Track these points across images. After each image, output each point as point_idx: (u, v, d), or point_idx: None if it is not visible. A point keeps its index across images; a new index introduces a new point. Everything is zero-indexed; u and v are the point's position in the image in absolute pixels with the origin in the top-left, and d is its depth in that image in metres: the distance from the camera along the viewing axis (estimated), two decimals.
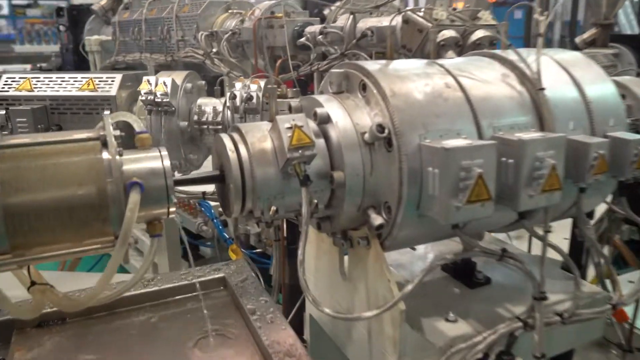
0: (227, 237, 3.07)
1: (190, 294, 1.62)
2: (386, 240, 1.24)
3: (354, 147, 1.17)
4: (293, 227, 2.50)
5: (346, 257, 1.44)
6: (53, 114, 2.06)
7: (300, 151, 1.10)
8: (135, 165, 1.08)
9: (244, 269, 1.71)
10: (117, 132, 1.04)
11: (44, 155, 1.01)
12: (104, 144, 1.03)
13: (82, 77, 2.08)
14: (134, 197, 1.00)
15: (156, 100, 1.95)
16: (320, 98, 1.26)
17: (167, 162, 1.11)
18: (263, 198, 1.15)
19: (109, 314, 1.54)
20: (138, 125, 1.17)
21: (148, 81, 1.98)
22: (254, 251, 2.98)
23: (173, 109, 1.99)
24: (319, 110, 1.20)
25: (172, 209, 1.12)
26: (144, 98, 1.97)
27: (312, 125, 1.21)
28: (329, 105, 1.23)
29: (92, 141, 1.05)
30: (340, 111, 1.22)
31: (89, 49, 4.62)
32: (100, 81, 2.05)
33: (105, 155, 1.01)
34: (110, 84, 2.03)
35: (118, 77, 2.05)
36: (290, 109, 1.27)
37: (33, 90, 2.06)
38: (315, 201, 1.19)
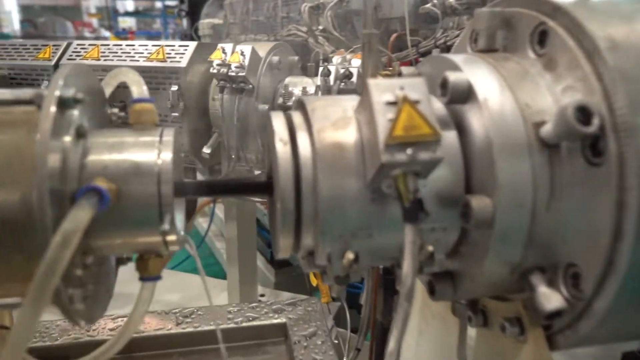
0: None
1: (233, 344, 1.15)
2: (561, 335, 0.65)
3: (517, 150, 0.59)
4: None
5: (472, 331, 0.86)
6: (119, 87, 1.71)
7: (409, 150, 0.54)
8: (111, 156, 0.60)
9: (316, 316, 1.19)
10: (72, 94, 0.57)
11: None
12: None
13: (152, 45, 1.71)
14: (77, 214, 0.52)
15: (230, 74, 1.51)
16: (456, 58, 0.68)
17: (166, 155, 0.62)
18: (332, 234, 0.61)
19: (127, 357, 1.12)
20: (138, 89, 0.70)
21: (222, 49, 1.54)
22: None
23: (251, 86, 1.53)
24: (452, 76, 0.63)
25: (172, 237, 0.63)
26: (215, 70, 1.54)
27: (438, 105, 0.65)
28: (472, 70, 0.65)
29: (24, 106, 0.58)
30: (493, 81, 0.64)
31: (202, 32, 4.43)
32: (171, 50, 1.65)
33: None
34: (181, 54, 1.63)
35: (192, 45, 1.64)
36: (400, 75, 0.71)
37: (99, 59, 1.73)
38: (430, 248, 0.63)
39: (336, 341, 2.22)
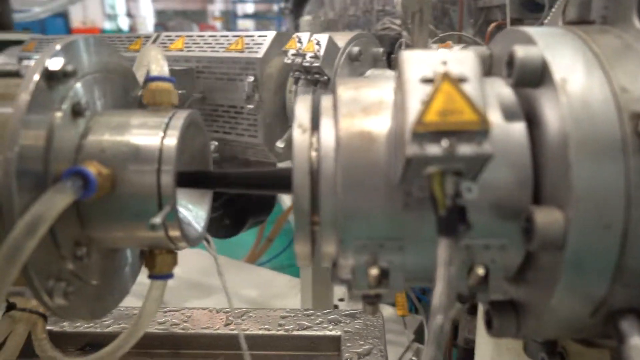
0: None
1: (281, 352, 1.07)
2: None
3: (604, 149, 0.44)
4: None
5: None
6: (199, 78, 1.73)
7: (445, 142, 0.41)
8: (112, 138, 0.55)
9: (374, 332, 1.07)
10: (61, 66, 0.52)
11: None
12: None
13: (233, 36, 1.70)
14: (50, 198, 0.47)
15: (304, 64, 1.44)
16: (534, 30, 0.54)
17: (170, 140, 0.55)
18: (354, 243, 0.51)
19: (172, 353, 1.09)
20: (157, 67, 0.64)
21: (298, 39, 1.48)
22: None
23: (326, 78, 1.45)
24: (520, 51, 0.49)
25: (175, 233, 0.57)
26: (289, 60, 1.48)
27: (505, 90, 0.52)
28: (551, 44, 0.50)
29: (11, 79, 0.54)
30: (578, 58, 0.48)
31: (302, 30, 4.46)
32: (250, 40, 1.63)
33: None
34: (259, 44, 1.60)
35: (270, 35, 1.60)
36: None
37: (183, 50, 1.76)
38: (481, 270, 0.49)
39: (415, 358, 2.07)
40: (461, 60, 0.45)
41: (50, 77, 0.50)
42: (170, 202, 0.54)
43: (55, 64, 0.50)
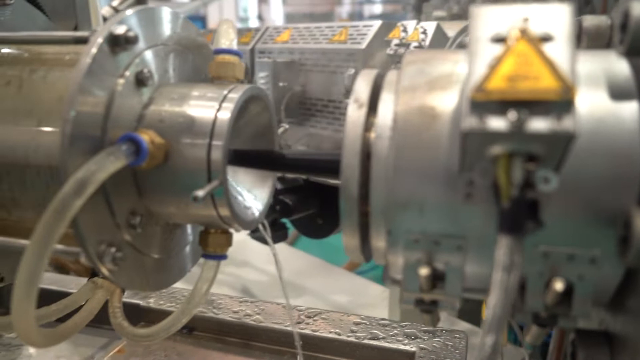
0: None
1: (346, 359, 1.02)
2: None
3: None
4: None
5: None
6: (301, 70, 1.74)
7: (513, 114, 0.34)
8: (171, 108, 0.55)
9: (454, 355, 0.97)
10: (123, 31, 0.52)
11: (14, 64, 0.59)
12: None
13: (338, 27, 1.68)
14: (100, 161, 0.47)
15: None
16: None
17: (224, 113, 0.54)
18: (403, 237, 0.45)
19: (243, 344, 1.09)
20: (226, 40, 0.64)
21: (403, 28, 1.41)
22: None
23: None
24: (636, 8, 0.39)
25: (224, 212, 0.55)
26: (391, 52, 1.42)
27: (619, 65, 0.42)
28: None
29: (82, 45, 0.56)
30: None
31: None
32: (355, 30, 1.60)
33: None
34: (363, 34, 1.56)
35: (375, 25, 1.55)
36: None
37: (288, 42, 1.78)
38: (559, 285, 0.41)
39: None
40: (548, 15, 0.37)
41: (114, 43, 0.51)
42: (219, 177, 0.52)
43: (119, 29, 0.51)
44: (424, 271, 0.43)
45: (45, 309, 0.70)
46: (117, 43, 0.52)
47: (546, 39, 0.36)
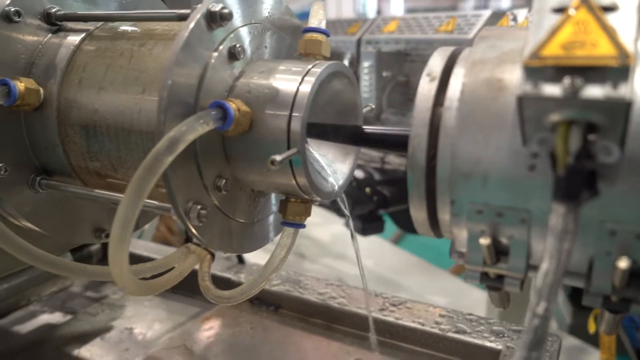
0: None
1: (431, 351, 1.03)
2: None
3: None
4: None
5: None
6: (405, 61, 1.76)
7: (568, 80, 0.35)
8: (258, 81, 0.62)
9: (546, 357, 0.95)
10: (219, 8, 0.60)
11: (127, 38, 0.69)
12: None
13: (445, 17, 1.68)
14: (191, 123, 0.55)
15: None
16: None
17: (306, 86, 0.60)
18: (467, 208, 0.47)
19: (326, 325, 1.15)
20: (315, 19, 0.69)
21: (512, 16, 1.38)
22: None
23: None
24: None
25: (302, 180, 0.61)
26: None
27: None
28: None
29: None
30: None
31: None
32: (463, 20, 1.59)
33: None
34: (471, 24, 1.54)
35: (485, 14, 1.54)
36: None
37: (394, 32, 1.81)
38: (623, 263, 0.41)
39: None
40: None
41: (211, 19, 0.59)
42: (297, 146, 0.58)
43: (215, 6, 0.59)
44: (485, 241, 0.46)
45: (142, 265, 0.81)
46: (213, 19, 0.60)
47: (610, 8, 0.36)
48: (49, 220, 0.75)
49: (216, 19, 0.60)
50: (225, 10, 0.60)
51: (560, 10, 0.38)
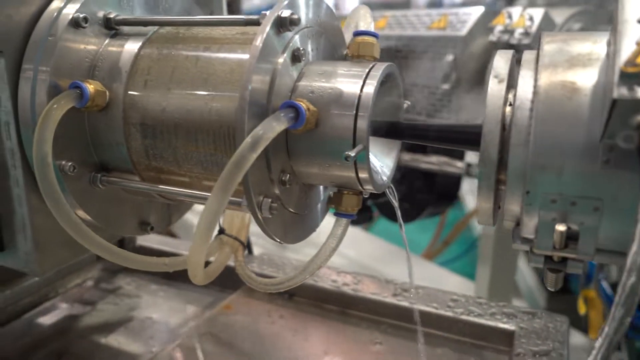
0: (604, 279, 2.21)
1: (445, 334, 1.09)
2: None
3: None
4: None
5: None
6: (397, 57, 1.81)
7: None
8: (320, 82, 0.65)
9: (556, 335, 1.02)
10: (289, 14, 0.62)
11: (188, 42, 0.71)
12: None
13: (437, 14, 1.73)
14: (272, 121, 0.58)
15: (511, 42, 1.40)
16: None
17: (369, 88, 0.63)
18: (541, 197, 0.52)
19: (340, 311, 1.19)
20: (364, 23, 0.73)
21: (508, 14, 1.44)
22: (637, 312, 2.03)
23: None
24: None
25: (364, 175, 0.64)
26: (495, 38, 1.45)
27: None
28: None
29: (254, 26, 0.67)
30: None
31: None
32: (454, 17, 1.64)
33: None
34: (463, 21, 1.60)
35: (476, 12, 1.60)
36: None
37: (384, 29, 1.85)
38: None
39: None
40: None
41: (281, 24, 0.61)
42: (363, 143, 0.61)
43: (285, 11, 0.61)
44: (560, 228, 0.50)
45: (182, 257, 0.84)
46: (283, 25, 0.62)
47: None
48: (102, 212, 0.77)
49: (286, 24, 0.62)
50: (295, 16, 0.62)
51: None
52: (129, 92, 0.72)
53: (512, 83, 0.57)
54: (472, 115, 1.63)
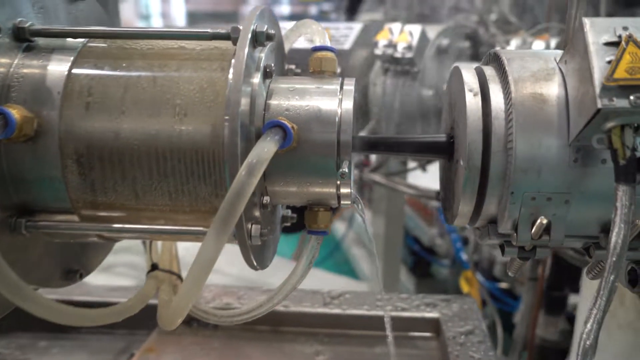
0: (465, 259, 2.49)
1: (380, 332, 1.15)
2: None
3: None
4: (559, 264, 1.78)
5: None
6: None
7: (633, 96, 0.49)
8: (292, 100, 0.65)
9: (472, 315, 1.14)
10: (265, 29, 0.62)
11: (138, 58, 0.66)
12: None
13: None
14: (264, 145, 0.57)
15: (395, 55, 1.52)
16: None
17: (347, 103, 0.64)
18: (524, 196, 0.58)
19: (272, 330, 1.18)
20: (321, 38, 0.74)
21: (390, 30, 1.57)
22: (497, 285, 2.33)
23: (416, 70, 1.53)
24: None
25: (346, 190, 0.66)
26: (380, 52, 1.57)
27: None
28: None
29: (220, 41, 0.65)
30: None
31: None
32: (336, 32, 1.73)
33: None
34: (345, 36, 1.70)
35: (357, 27, 1.70)
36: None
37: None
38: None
39: None
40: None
41: (256, 40, 0.60)
42: (348, 158, 0.63)
43: (260, 26, 0.60)
44: (543, 221, 0.57)
45: (123, 304, 0.77)
46: (259, 40, 0.61)
47: None
48: (20, 264, 0.63)
49: (261, 40, 0.61)
50: (271, 32, 0.61)
51: (611, 44, 0.51)
52: (66, 118, 0.62)
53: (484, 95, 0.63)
54: (359, 123, 1.73)
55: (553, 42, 1.48)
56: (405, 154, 0.75)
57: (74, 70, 0.64)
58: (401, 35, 1.51)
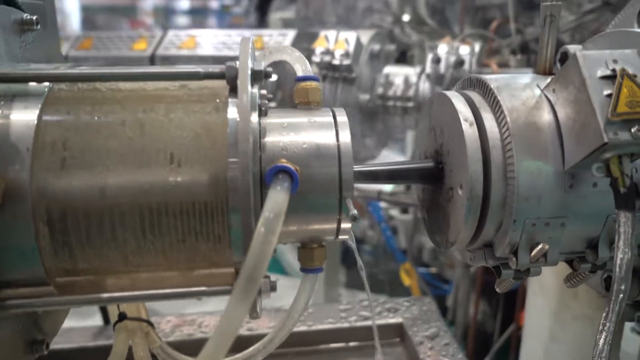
0: (397, 248, 2.57)
1: (348, 344, 1.14)
2: None
3: None
4: None
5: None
6: None
7: (635, 128, 0.51)
8: (289, 136, 0.61)
9: (432, 316, 1.16)
10: (263, 67, 0.58)
11: (118, 103, 0.58)
12: (234, 89, 0.56)
13: (253, 35, 1.74)
14: (277, 197, 0.53)
15: (333, 62, 1.51)
16: None
17: (345, 136, 0.62)
18: (525, 222, 0.59)
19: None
20: (303, 67, 0.70)
21: (326, 37, 1.55)
22: (427, 270, 2.43)
23: (353, 76, 1.53)
24: None
25: (347, 225, 0.63)
26: (318, 59, 1.54)
27: None
28: None
29: (213, 80, 0.59)
30: None
31: (272, 27, 4.50)
32: (270, 39, 1.68)
33: (233, 113, 0.55)
34: (279, 43, 1.65)
35: (291, 34, 1.66)
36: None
37: (195, 49, 1.78)
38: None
39: None
40: (627, 58, 0.55)
41: (254, 79, 0.55)
42: (350, 192, 0.60)
43: (258, 65, 0.55)
44: (545, 247, 0.59)
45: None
46: (257, 79, 0.56)
47: (635, 75, 0.53)
48: None
49: (260, 79, 0.56)
50: (269, 69, 0.57)
51: (606, 77, 0.53)
52: (38, 178, 0.53)
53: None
54: None
55: (477, 47, 1.54)
56: (394, 182, 0.73)
57: (44, 120, 0.55)
58: (338, 43, 1.49)
